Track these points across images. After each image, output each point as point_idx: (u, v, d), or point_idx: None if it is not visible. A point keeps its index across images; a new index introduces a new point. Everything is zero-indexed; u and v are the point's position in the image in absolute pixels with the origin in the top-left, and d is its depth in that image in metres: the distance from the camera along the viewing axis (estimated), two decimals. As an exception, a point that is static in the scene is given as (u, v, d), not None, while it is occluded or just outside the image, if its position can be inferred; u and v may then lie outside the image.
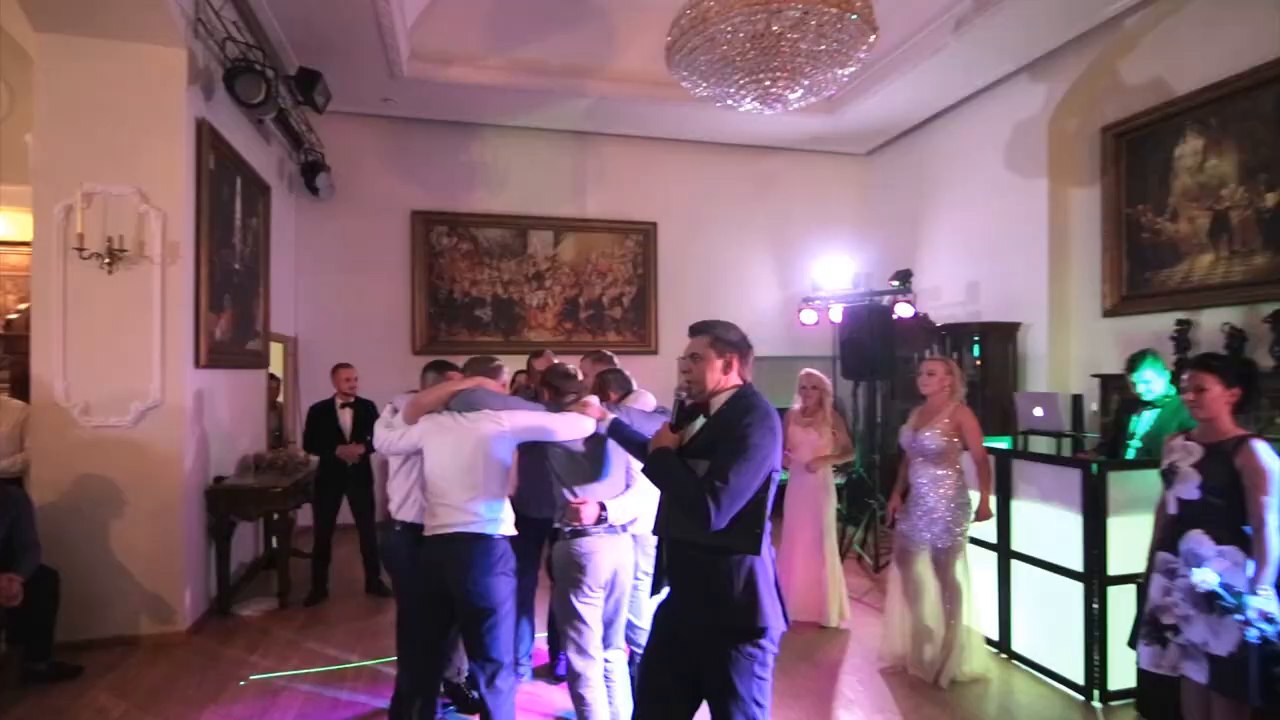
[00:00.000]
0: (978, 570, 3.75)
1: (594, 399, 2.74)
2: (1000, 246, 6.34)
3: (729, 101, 3.78)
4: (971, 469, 3.55)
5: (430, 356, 7.00)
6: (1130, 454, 3.75)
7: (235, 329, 4.96)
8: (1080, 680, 3.40)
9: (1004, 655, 3.83)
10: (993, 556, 3.89)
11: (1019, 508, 3.77)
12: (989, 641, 3.87)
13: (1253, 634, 2.32)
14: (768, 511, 1.94)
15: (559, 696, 3.36)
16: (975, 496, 3.56)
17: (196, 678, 3.55)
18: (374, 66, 5.86)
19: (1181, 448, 2.62)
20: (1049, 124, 5.89)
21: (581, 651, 2.54)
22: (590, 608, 2.56)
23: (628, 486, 2.77)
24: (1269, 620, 2.33)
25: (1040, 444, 4.97)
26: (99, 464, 3.96)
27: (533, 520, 3.16)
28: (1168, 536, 2.61)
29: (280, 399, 6.43)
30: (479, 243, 7.24)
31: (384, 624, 4.27)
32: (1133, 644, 2.77)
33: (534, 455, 2.70)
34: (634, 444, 2.52)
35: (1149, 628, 2.63)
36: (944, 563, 3.50)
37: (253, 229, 5.38)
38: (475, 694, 2.70)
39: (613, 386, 3.01)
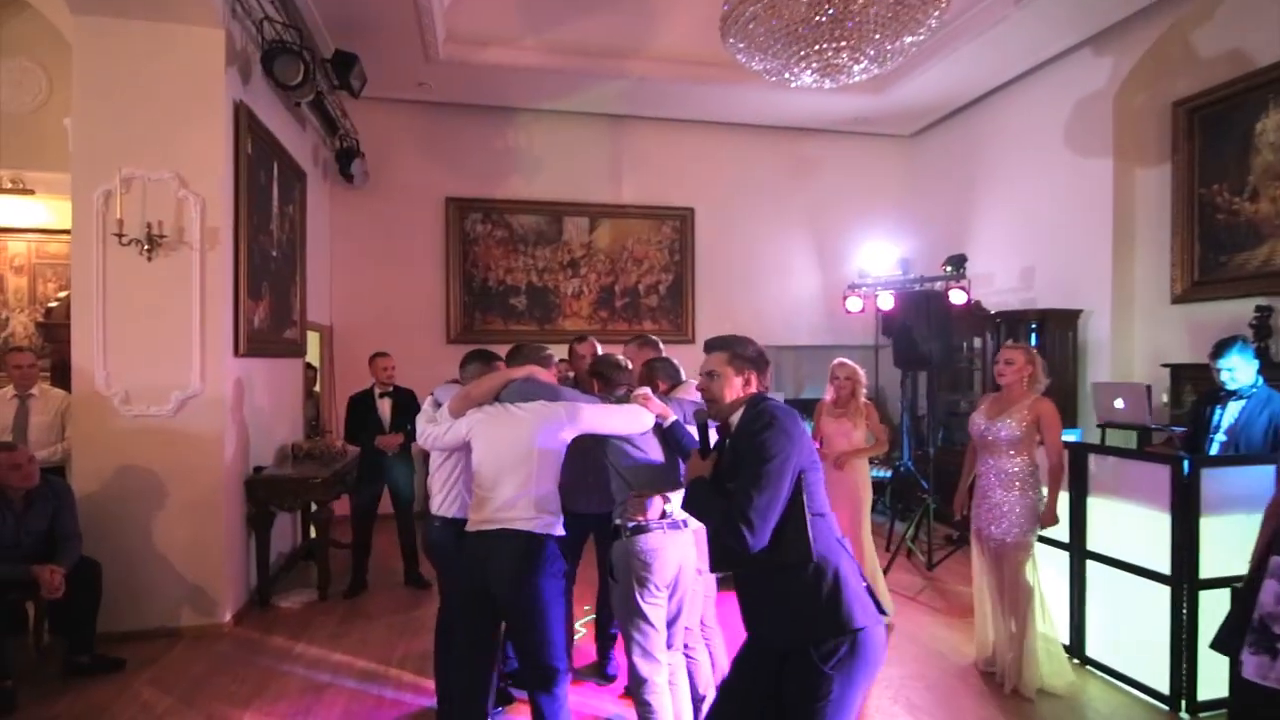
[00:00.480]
0: (1046, 571, 3.54)
1: (649, 392, 2.59)
2: (1059, 230, 6.04)
3: (785, 75, 3.56)
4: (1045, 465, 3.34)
5: (465, 346, 6.90)
6: (1214, 449, 3.50)
7: (273, 317, 4.89)
8: (1165, 690, 3.18)
9: (1076, 661, 3.62)
10: (1064, 556, 3.67)
11: (1095, 505, 3.55)
12: (1061, 647, 3.66)
13: None
14: (811, 511, 1.80)
15: (608, 701, 3.23)
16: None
17: (239, 672, 3.48)
18: (410, 49, 5.74)
19: None
20: (1115, 99, 5.57)
21: (646, 655, 2.40)
22: (655, 608, 2.42)
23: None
24: None
25: (1110, 438, 4.71)
26: (140, 454, 3.91)
27: (576, 516, 3.02)
28: None
29: (316, 388, 6.37)
30: (513, 229, 7.11)
31: (425, 617, 4.17)
32: (1218, 647, 2.59)
33: (579, 448, 2.55)
34: (681, 450, 2.45)
35: (1258, 635, 2.41)
36: (1011, 561, 3.30)
37: (289, 216, 5.30)
38: (509, 689, 2.59)
39: (661, 376, 2.87)
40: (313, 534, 4.87)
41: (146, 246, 3.88)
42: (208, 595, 3.99)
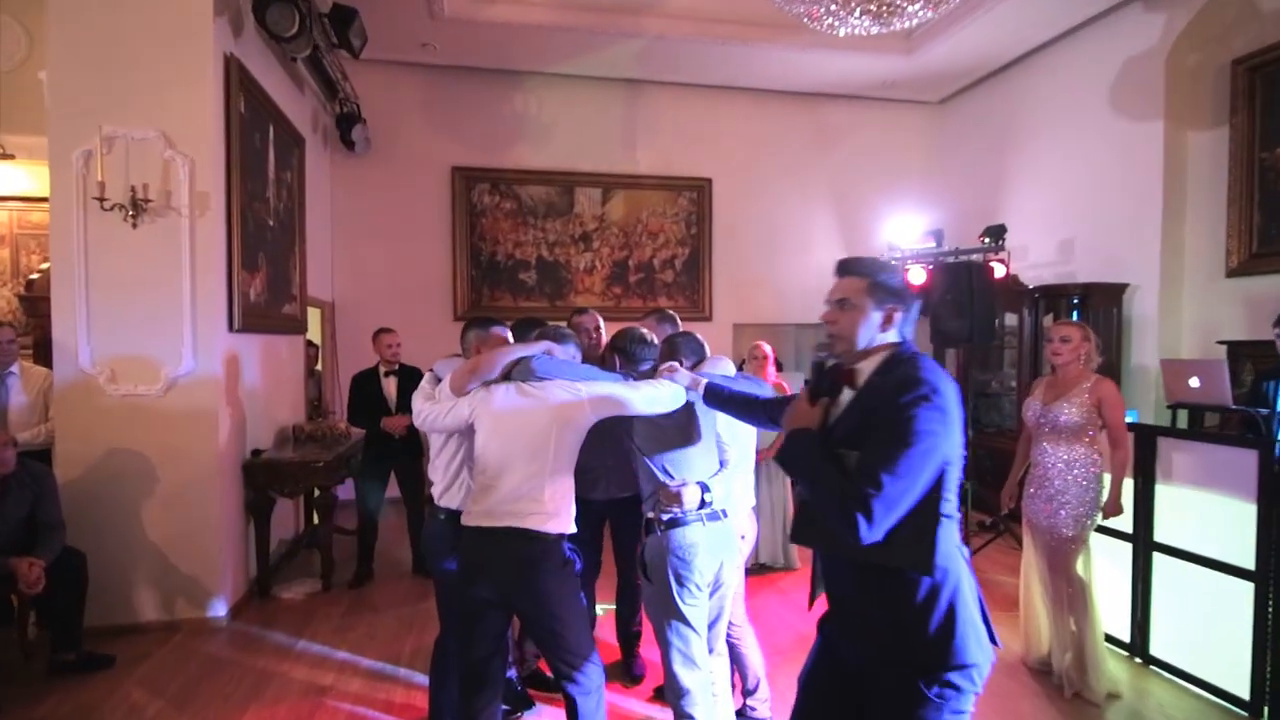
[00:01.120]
0: (1104, 563, 3.27)
1: (676, 366, 2.31)
2: (1102, 200, 5.69)
3: (830, 21, 3.22)
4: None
5: (473, 323, 6.68)
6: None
7: (270, 291, 4.59)
8: (1244, 694, 2.91)
9: (1139, 660, 3.35)
10: (1126, 548, 3.39)
11: (1163, 493, 3.26)
12: (1120, 644, 3.40)
13: None
14: (943, 513, 1.47)
15: (636, 703, 2.97)
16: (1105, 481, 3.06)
17: (236, 670, 3.23)
18: (412, 4, 5.38)
19: None
20: (1167, 59, 5.20)
21: (688, 661, 2.13)
22: (696, 609, 2.16)
23: (721, 464, 2.34)
24: None
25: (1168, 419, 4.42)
26: (128, 436, 3.64)
27: (590, 502, 2.78)
28: None
29: (318, 367, 6.09)
30: (522, 201, 6.77)
31: (434, 610, 3.91)
32: None
33: (594, 427, 2.26)
34: (741, 403, 2.07)
35: None
36: (1066, 554, 3.02)
37: (287, 183, 4.98)
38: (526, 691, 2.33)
39: (684, 351, 2.54)
40: (315, 520, 4.61)
41: (131, 212, 3.58)
42: (203, 587, 3.74)
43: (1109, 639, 3.32)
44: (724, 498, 2.23)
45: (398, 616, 3.87)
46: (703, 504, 2.15)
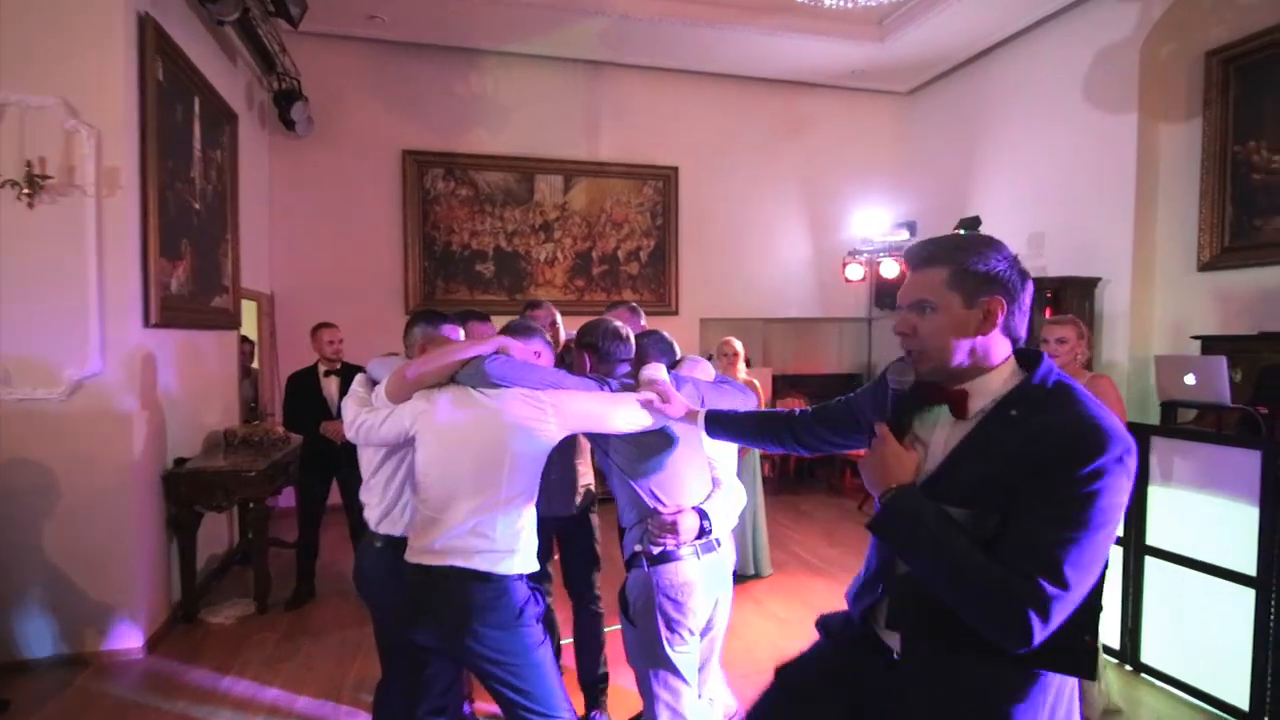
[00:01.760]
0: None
1: (661, 378, 1.96)
2: (1074, 192, 5.61)
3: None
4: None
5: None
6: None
7: (197, 282, 4.14)
8: (1243, 704, 2.78)
9: (1129, 668, 3.22)
10: (1116, 551, 3.24)
11: (1156, 495, 3.12)
12: (1109, 651, 3.26)
13: None
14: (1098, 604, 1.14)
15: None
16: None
17: (149, 715, 2.83)
18: (357, -29, 4.96)
19: None
20: (1141, 49, 5.12)
21: (676, 716, 1.84)
22: (687, 656, 1.86)
23: (715, 484, 2.05)
24: None
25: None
26: (25, 446, 3.19)
27: (540, 520, 2.41)
28: None
29: (254, 365, 5.63)
30: (479, 188, 6.39)
31: (384, 632, 3.58)
32: None
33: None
34: (757, 425, 1.76)
35: None
36: None
37: (216, 163, 4.53)
38: None
39: (652, 354, 2.20)
40: (249, 534, 4.20)
41: (26, 190, 3.13)
42: (117, 614, 3.31)
43: (1106, 649, 3.18)
44: (727, 523, 1.94)
45: (340, 641, 3.50)
46: (701, 532, 1.85)
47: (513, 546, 1.81)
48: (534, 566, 1.87)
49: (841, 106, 7.27)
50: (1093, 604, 1.10)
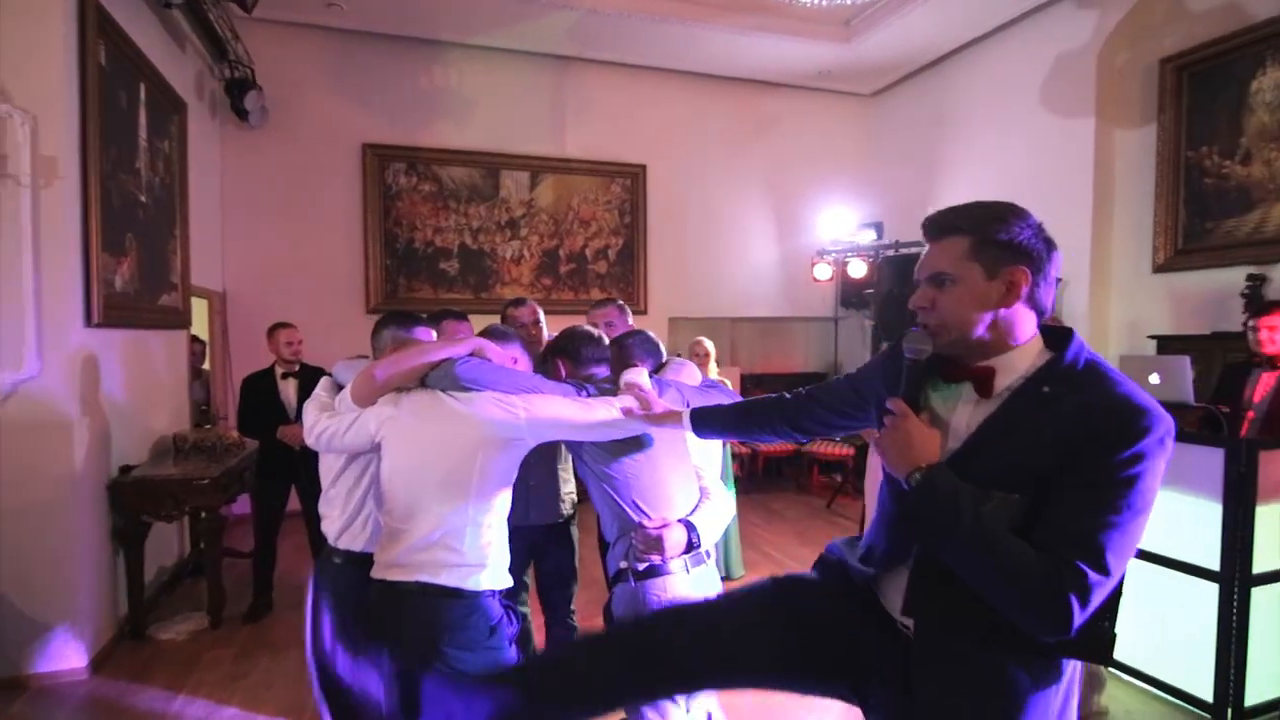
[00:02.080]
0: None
1: (642, 382, 1.87)
2: (1033, 195, 5.70)
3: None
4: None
5: (388, 316, 6.08)
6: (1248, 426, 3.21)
7: (143, 279, 3.92)
8: (1208, 696, 2.85)
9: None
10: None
11: (1122, 493, 3.18)
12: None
13: None
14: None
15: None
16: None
17: (98, 738, 2.66)
18: (314, -44, 4.77)
19: None
20: (1098, 56, 5.25)
21: (665, 736, 1.78)
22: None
23: (702, 493, 1.99)
24: None
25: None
26: (-48, 455, 2.96)
27: (517, 530, 2.23)
28: None
29: (206, 366, 5.38)
30: (443, 184, 6.23)
31: (348, 645, 3.43)
32: None
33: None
34: (747, 416, 1.69)
35: None
36: None
37: (164, 154, 4.30)
38: None
39: (636, 355, 2.11)
40: (201, 545, 4.00)
41: (-48, 179, 2.90)
42: (57, 633, 3.10)
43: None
44: (712, 535, 1.87)
45: (301, 658, 3.31)
46: (689, 546, 1.77)
47: (482, 560, 1.71)
48: (506, 582, 1.78)
49: (808, 107, 7.30)
50: (1116, 590, 1.08)
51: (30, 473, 3.06)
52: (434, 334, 2.04)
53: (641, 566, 1.75)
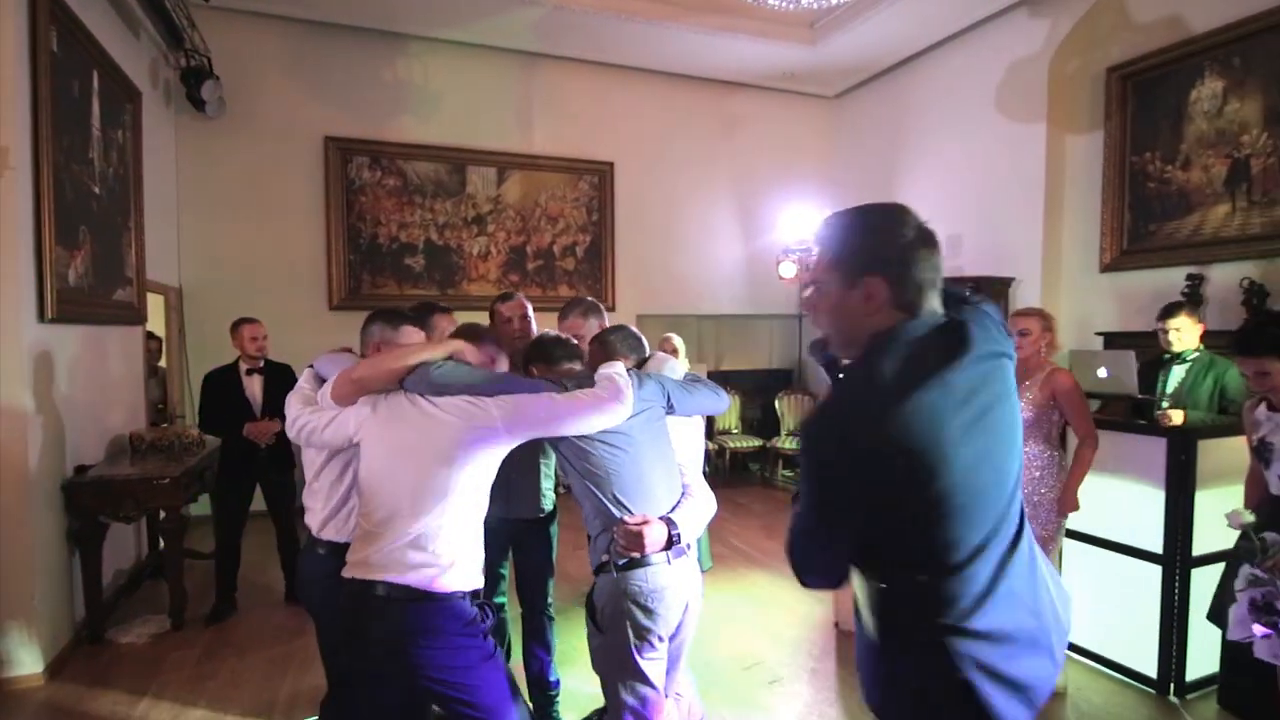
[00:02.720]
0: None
1: (618, 371, 1.90)
2: (989, 197, 5.93)
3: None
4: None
5: (351, 312, 5.96)
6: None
7: (97, 273, 3.80)
8: (1152, 673, 3.02)
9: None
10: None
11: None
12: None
13: None
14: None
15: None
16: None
17: (57, 745, 2.59)
18: (276, -56, 4.67)
19: (1269, 420, 2.31)
20: (1050, 64, 5.46)
21: (645, 723, 1.82)
22: (656, 663, 1.84)
23: (684, 491, 2.03)
24: None
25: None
26: (-104, 455, 2.84)
27: (498, 523, 2.23)
28: (1273, 515, 2.25)
29: (162, 363, 5.22)
30: (408, 178, 6.15)
31: (314, 646, 3.37)
32: (1211, 618, 2.52)
33: None
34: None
35: (1256, 611, 2.24)
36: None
37: (118, 144, 4.17)
38: None
39: (620, 351, 2.14)
40: (161, 546, 3.90)
41: (-106, 168, 2.78)
42: (12, 638, 3.00)
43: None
44: (693, 529, 1.91)
45: (268, 658, 3.29)
46: (670, 543, 1.80)
47: (454, 560, 1.72)
48: (477, 583, 1.79)
49: (774, 107, 7.42)
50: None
51: (-20, 473, 2.95)
52: (421, 334, 2.04)
53: (622, 561, 1.78)
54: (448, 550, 1.71)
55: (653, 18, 5.74)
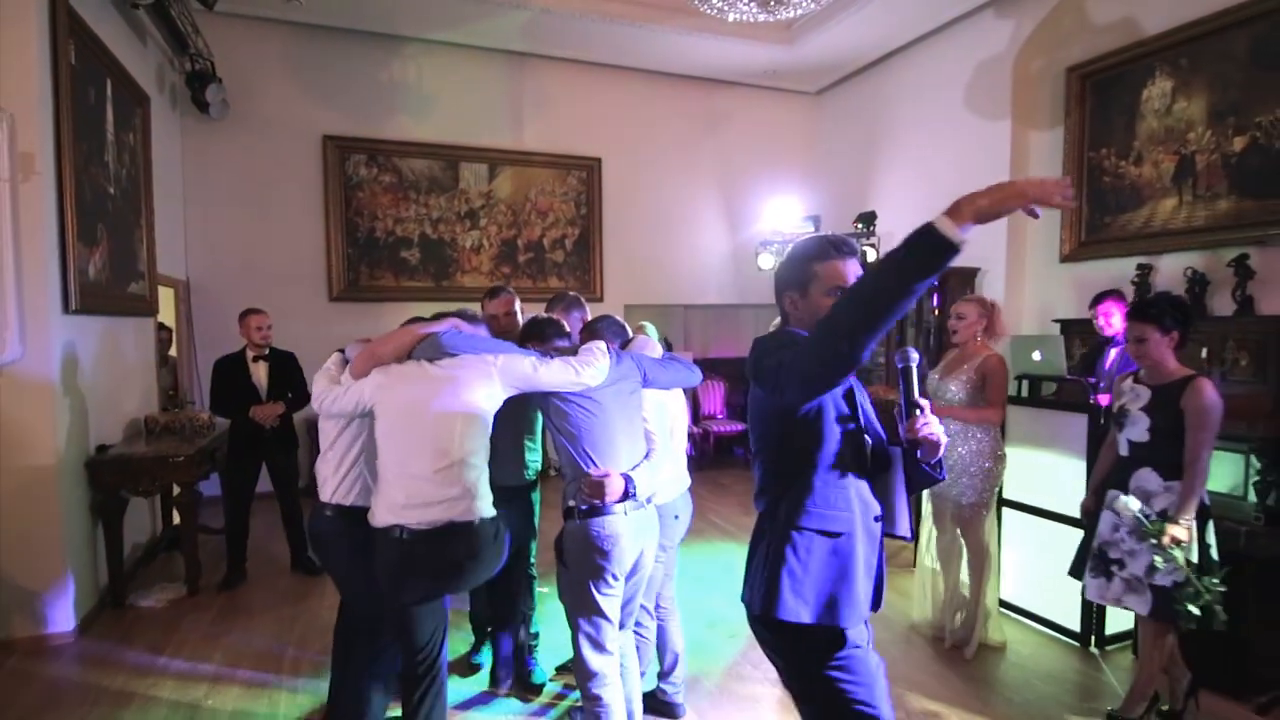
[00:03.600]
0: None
1: (599, 348, 2.27)
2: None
3: (720, 5, 3.27)
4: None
5: (350, 304, 6.30)
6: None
7: (113, 268, 4.10)
8: (1076, 628, 3.34)
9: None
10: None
11: (1011, 455, 3.63)
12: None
13: (1159, 560, 2.37)
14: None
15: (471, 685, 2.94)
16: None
17: (88, 692, 2.90)
18: (275, -45, 4.93)
19: (1131, 390, 2.63)
20: (1014, 63, 5.71)
21: (598, 648, 2.14)
22: (611, 599, 2.16)
23: (647, 453, 2.35)
24: (1178, 545, 2.35)
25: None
26: (-60, 434, 3.15)
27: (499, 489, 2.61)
28: (1120, 475, 2.61)
29: (172, 352, 5.53)
30: (403, 175, 6.43)
31: (320, 609, 3.72)
32: (1073, 574, 2.85)
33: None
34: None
35: (1096, 561, 2.64)
36: (971, 521, 3.22)
37: (129, 147, 4.45)
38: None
39: (608, 334, 2.49)
40: (175, 521, 4.21)
41: (-67, 174, 3.07)
42: (44, 599, 3.32)
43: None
44: (649, 486, 2.23)
45: (276, 619, 3.62)
46: (626, 495, 2.12)
47: (475, 493, 2.09)
48: (492, 511, 2.15)
49: (757, 104, 7.67)
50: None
51: (16, 450, 3.26)
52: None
53: (585, 507, 2.10)
54: (469, 485, 2.07)
55: (636, 20, 5.99)
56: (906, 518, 1.59)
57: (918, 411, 1.50)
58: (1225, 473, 3.17)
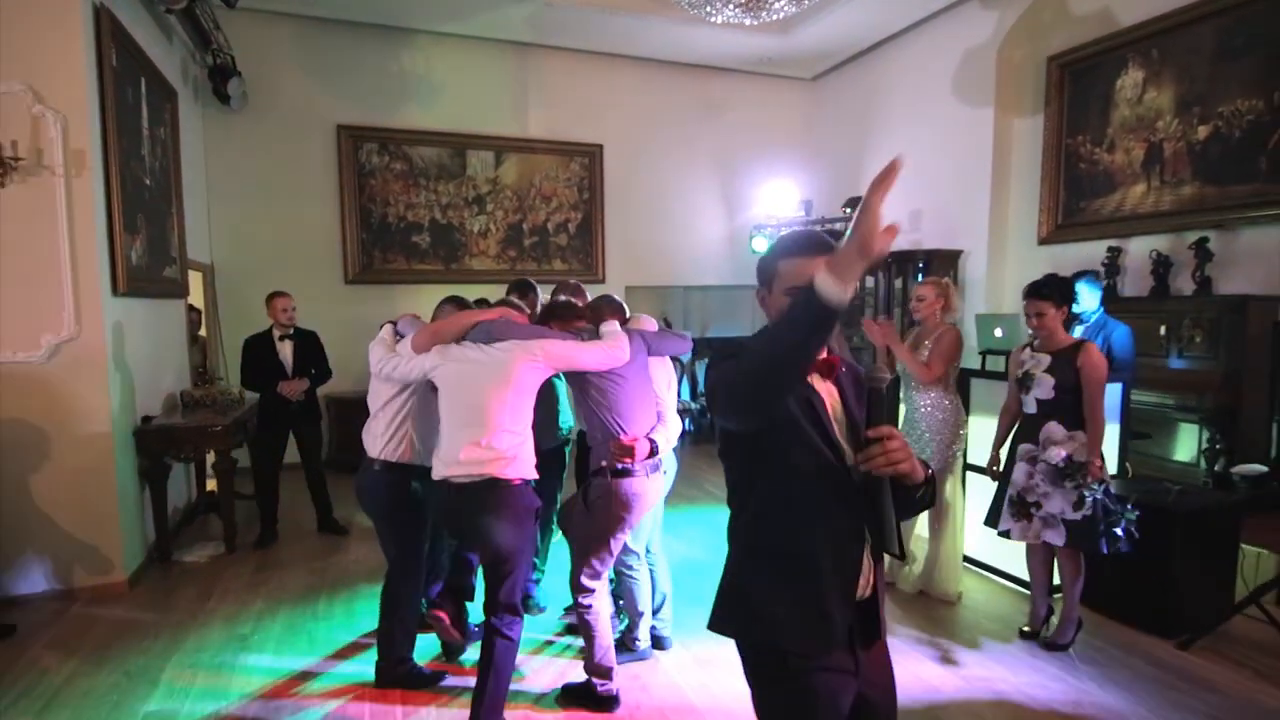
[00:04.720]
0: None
1: (614, 329, 2.64)
2: (945, 175, 6.46)
3: (706, 8, 3.55)
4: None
5: (365, 286, 6.65)
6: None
7: (151, 254, 4.45)
8: (1025, 576, 3.68)
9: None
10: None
11: (974, 423, 3.97)
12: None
13: (1087, 495, 2.85)
14: None
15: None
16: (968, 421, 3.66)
17: (149, 628, 3.30)
18: (292, -45, 5.20)
19: (1031, 358, 3.06)
20: (998, 52, 5.95)
21: (595, 576, 2.59)
22: (619, 543, 2.60)
23: (659, 419, 2.74)
24: (1100, 483, 2.87)
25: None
26: (10, 404, 3.52)
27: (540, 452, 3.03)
28: (1029, 430, 3.05)
29: (201, 332, 5.90)
30: (413, 162, 6.74)
31: (347, 562, 4.12)
32: (989, 523, 3.25)
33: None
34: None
35: (1014, 506, 3.07)
36: (937, 482, 3.59)
37: (161, 140, 4.78)
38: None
39: (609, 311, 2.85)
40: (209, 486, 4.60)
41: (0, 172, 3.41)
42: (101, 553, 3.71)
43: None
44: (666, 447, 2.62)
45: (309, 570, 4.02)
46: (651, 453, 2.51)
47: (517, 455, 2.43)
48: (533, 475, 2.50)
49: (752, 90, 7.91)
50: None
51: (75, 419, 3.63)
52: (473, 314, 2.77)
53: (619, 467, 2.48)
54: (511, 449, 2.41)
55: (635, 10, 6.24)
56: (894, 535, 1.35)
57: (880, 442, 1.27)
58: (1185, 444, 3.50)
